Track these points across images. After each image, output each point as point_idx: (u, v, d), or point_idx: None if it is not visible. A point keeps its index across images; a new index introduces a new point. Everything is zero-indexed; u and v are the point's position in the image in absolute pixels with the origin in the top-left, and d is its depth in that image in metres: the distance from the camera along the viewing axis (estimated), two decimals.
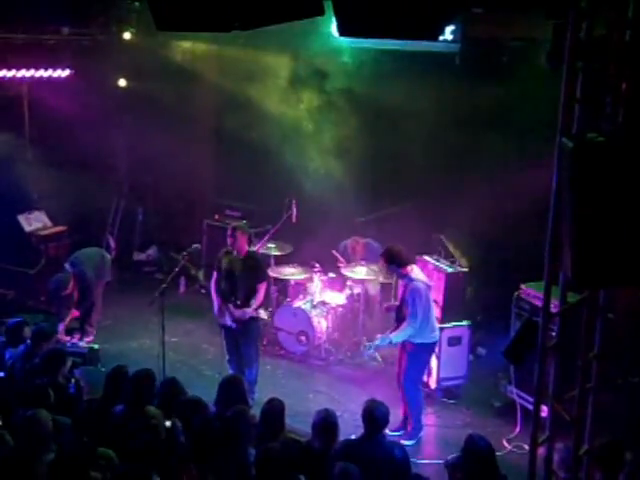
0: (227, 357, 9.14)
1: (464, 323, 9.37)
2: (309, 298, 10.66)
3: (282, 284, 11.21)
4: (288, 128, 11.41)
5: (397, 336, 8.38)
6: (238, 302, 8.82)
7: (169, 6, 6.20)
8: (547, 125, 5.54)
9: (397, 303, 8.67)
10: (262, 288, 8.90)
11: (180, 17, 6.27)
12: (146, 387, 6.84)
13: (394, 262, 8.31)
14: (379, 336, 8.65)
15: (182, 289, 12.52)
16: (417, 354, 8.43)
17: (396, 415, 8.12)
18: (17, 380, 7.67)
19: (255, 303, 8.85)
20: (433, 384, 9.37)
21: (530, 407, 7.37)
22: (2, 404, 7.16)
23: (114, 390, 7.03)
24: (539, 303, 7.09)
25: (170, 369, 8.04)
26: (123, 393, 6.84)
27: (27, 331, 8.30)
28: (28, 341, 8.13)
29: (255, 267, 8.92)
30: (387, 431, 8.40)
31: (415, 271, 8.40)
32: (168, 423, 6.50)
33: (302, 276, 10.86)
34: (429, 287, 8.42)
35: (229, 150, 12.11)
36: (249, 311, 8.81)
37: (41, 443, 5.97)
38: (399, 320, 8.43)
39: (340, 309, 10.67)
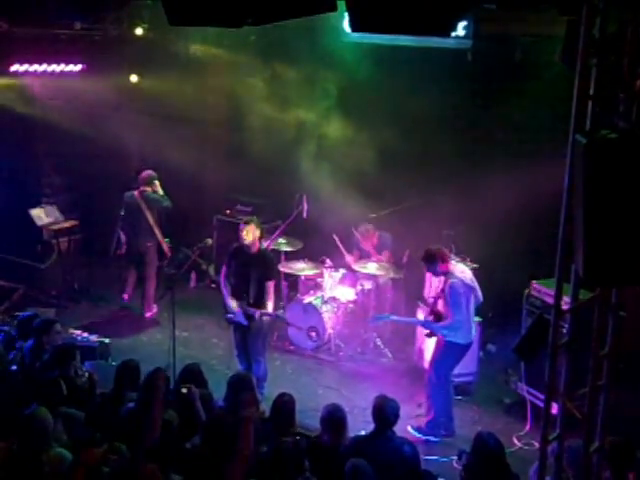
0: (236, 352, 9.16)
1: (475, 319, 9.34)
2: (319, 294, 10.67)
3: (292, 279, 11.22)
4: (299, 123, 11.41)
5: (437, 326, 8.36)
6: (250, 300, 8.82)
7: (181, 1, 6.20)
8: (560, 122, 5.53)
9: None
10: (271, 286, 8.89)
11: (192, 12, 6.27)
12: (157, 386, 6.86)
13: (435, 261, 8.26)
14: (420, 318, 8.59)
15: (193, 284, 12.55)
16: (448, 351, 8.39)
17: (406, 411, 8.11)
18: (28, 374, 7.71)
19: (270, 304, 8.86)
20: None
21: (540, 404, 7.37)
22: (16, 398, 7.21)
23: (124, 384, 7.07)
24: (550, 300, 7.08)
25: (180, 364, 8.06)
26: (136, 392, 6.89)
27: None
28: None
29: (265, 265, 8.91)
30: (410, 429, 8.52)
31: (458, 268, 8.37)
32: (184, 390, 6.59)
33: (313, 272, 10.86)
34: (470, 287, 8.32)
35: (240, 145, 12.11)
36: (264, 312, 8.80)
37: (41, 440, 6.00)
38: (435, 315, 8.48)
39: (351, 305, 10.67)
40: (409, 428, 8.43)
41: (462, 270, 8.42)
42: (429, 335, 8.67)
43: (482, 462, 6.02)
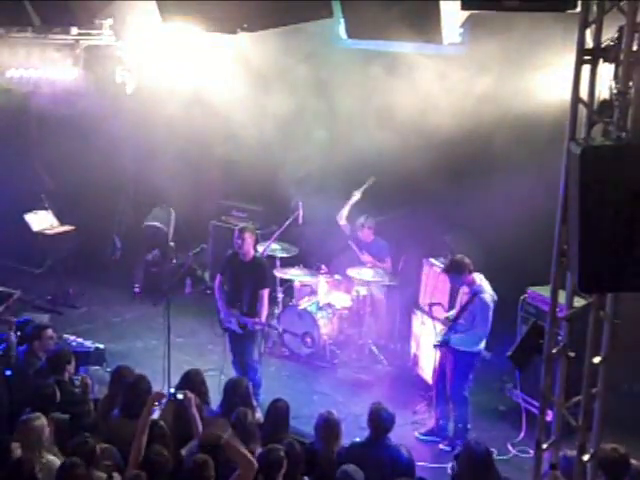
0: (231, 358, 9.14)
1: None
2: (315, 300, 10.65)
3: (288, 285, 11.20)
4: (296, 129, 11.38)
5: (459, 339, 8.30)
6: (244, 308, 8.82)
7: (176, 7, 6.21)
8: (555, 129, 5.54)
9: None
10: (265, 294, 8.87)
11: (187, 18, 6.27)
12: (141, 396, 6.84)
13: (463, 271, 8.24)
14: (442, 329, 8.57)
15: (188, 290, 12.52)
16: (467, 363, 8.37)
17: (401, 417, 8.11)
18: (22, 379, 7.70)
19: (263, 312, 8.84)
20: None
21: (535, 411, 7.36)
22: (9, 403, 7.22)
23: (118, 391, 7.06)
24: (545, 307, 7.07)
25: (175, 369, 8.05)
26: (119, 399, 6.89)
27: None
28: None
29: (260, 273, 8.89)
30: (417, 434, 8.60)
31: (484, 281, 8.35)
32: (180, 395, 6.59)
33: (308, 278, 10.85)
34: (494, 300, 8.30)
35: (235, 151, 12.10)
36: (258, 321, 8.79)
37: (35, 447, 6.01)
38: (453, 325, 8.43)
39: (346, 311, 10.64)
40: (441, 445, 8.49)
41: (484, 281, 8.40)
42: (440, 346, 8.57)
43: (470, 470, 6.04)
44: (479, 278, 8.34)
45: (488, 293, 8.23)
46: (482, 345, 8.37)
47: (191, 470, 5.79)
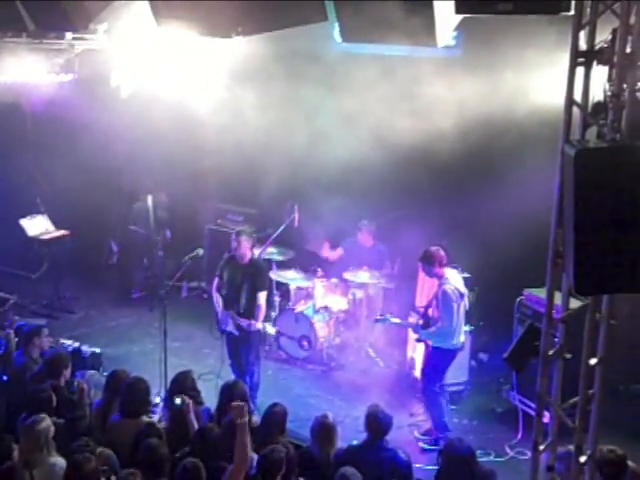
0: (229, 362, 9.14)
1: (466, 328, 9.33)
2: (311, 303, 10.65)
3: (284, 289, 11.20)
4: (291, 131, 11.38)
5: (427, 332, 8.38)
6: (241, 310, 8.82)
7: (170, 11, 6.21)
8: (550, 131, 5.55)
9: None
10: (262, 297, 8.88)
11: (182, 23, 6.28)
12: (139, 396, 6.85)
13: (432, 263, 8.29)
14: (412, 320, 8.67)
15: (184, 294, 12.52)
16: (436, 359, 8.41)
17: (398, 420, 8.09)
18: (18, 384, 7.70)
19: (260, 315, 8.85)
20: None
21: (532, 413, 7.37)
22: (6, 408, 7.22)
23: (114, 394, 7.06)
24: (541, 309, 7.09)
25: (172, 374, 8.03)
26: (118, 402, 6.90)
27: None
28: None
29: (257, 275, 8.90)
30: (416, 433, 8.67)
31: (452, 276, 8.39)
32: (178, 401, 6.60)
33: (304, 281, 10.84)
34: (462, 294, 8.34)
35: (230, 154, 12.10)
36: (254, 323, 8.79)
37: (42, 449, 6.01)
38: (425, 320, 8.49)
39: (342, 314, 10.65)
40: (418, 439, 8.56)
41: (455, 277, 8.44)
42: (419, 340, 8.70)
43: (452, 467, 6.09)
44: (449, 273, 8.37)
45: (451, 285, 8.24)
46: (456, 341, 8.37)
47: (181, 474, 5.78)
